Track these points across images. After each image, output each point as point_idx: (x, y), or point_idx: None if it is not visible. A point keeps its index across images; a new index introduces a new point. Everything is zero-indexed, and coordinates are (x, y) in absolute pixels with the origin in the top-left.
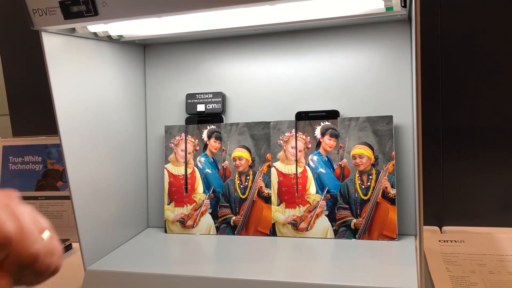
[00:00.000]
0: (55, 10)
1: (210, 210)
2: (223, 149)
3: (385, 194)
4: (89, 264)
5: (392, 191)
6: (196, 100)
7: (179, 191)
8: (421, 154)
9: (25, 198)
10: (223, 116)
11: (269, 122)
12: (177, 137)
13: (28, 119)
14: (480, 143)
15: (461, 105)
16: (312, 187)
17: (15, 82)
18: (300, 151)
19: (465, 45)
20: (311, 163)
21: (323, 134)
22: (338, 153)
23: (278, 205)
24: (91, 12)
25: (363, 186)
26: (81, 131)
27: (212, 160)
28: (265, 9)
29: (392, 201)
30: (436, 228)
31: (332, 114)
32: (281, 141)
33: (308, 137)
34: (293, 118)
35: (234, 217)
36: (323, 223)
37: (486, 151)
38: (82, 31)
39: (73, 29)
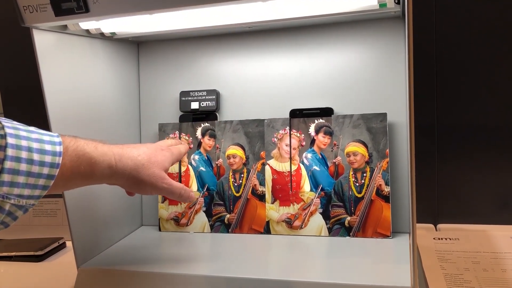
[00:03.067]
0: (45, 7)
1: (204, 208)
2: (217, 147)
3: (379, 192)
4: (81, 263)
5: (386, 189)
6: (190, 98)
7: None
8: (414, 152)
9: None
10: (217, 113)
11: (263, 120)
12: (171, 135)
13: (23, 119)
14: (475, 141)
15: (457, 102)
16: (306, 185)
17: (9, 82)
18: (294, 148)
19: (461, 42)
20: (305, 161)
21: (317, 131)
22: (332, 150)
23: (272, 203)
24: (82, 9)
25: (357, 184)
26: (74, 129)
27: (206, 158)
28: (258, 6)
29: (386, 198)
30: (431, 225)
31: (326, 112)
32: (275, 139)
33: (302, 135)
34: (287, 116)
35: (228, 215)
36: (317, 221)
37: (481, 149)
38: (74, 28)
39: (65, 26)
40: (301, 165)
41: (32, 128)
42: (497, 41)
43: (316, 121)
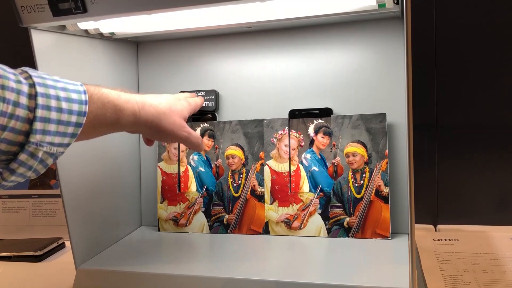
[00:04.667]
0: (43, 7)
1: (203, 209)
2: (216, 147)
3: (378, 193)
4: (80, 263)
5: (386, 190)
6: None
7: (172, 190)
8: (412, 152)
9: (18, 197)
10: (216, 114)
11: (262, 120)
12: None
13: None
14: (475, 141)
15: (456, 102)
16: (305, 186)
17: None
18: (293, 149)
19: (461, 42)
20: (304, 161)
21: (316, 132)
22: (331, 151)
23: (271, 203)
24: (80, 9)
25: (356, 185)
26: None
27: (205, 158)
28: (257, 6)
29: (385, 199)
30: (431, 226)
31: (325, 112)
32: (274, 139)
33: (302, 135)
34: (287, 116)
35: (227, 216)
36: (316, 222)
37: (481, 149)
38: (72, 29)
39: (64, 27)
40: (300, 166)
41: (55, 77)
42: (497, 41)
43: (315, 122)
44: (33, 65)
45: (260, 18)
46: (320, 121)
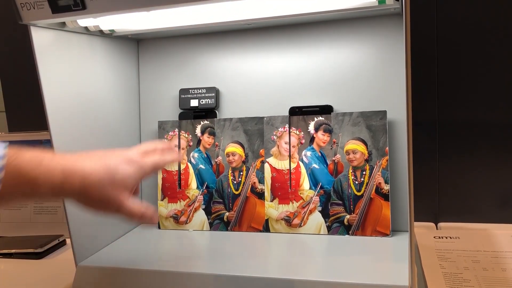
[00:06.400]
0: (42, 4)
1: (203, 206)
2: (217, 145)
3: (378, 190)
4: (80, 260)
5: (386, 187)
6: (189, 95)
7: (173, 187)
8: (411, 149)
9: None
10: (216, 111)
11: (263, 118)
12: (170, 133)
13: (25, 115)
14: (477, 139)
15: (458, 99)
16: (305, 183)
17: (11, 78)
18: (293, 146)
19: (462, 39)
20: (304, 159)
21: (316, 129)
22: (331, 148)
23: (272, 201)
24: (79, 5)
25: (356, 182)
26: (72, 127)
27: (205, 155)
28: (257, 3)
29: (385, 197)
30: (432, 224)
31: (325, 109)
32: (274, 137)
33: (302, 133)
34: (287, 113)
35: (227, 213)
36: (316, 219)
37: (482, 146)
38: (72, 26)
39: (64, 24)
40: (301, 163)
41: None
42: (499, 38)
43: (315, 119)
44: (33, 63)
45: (260, 15)
46: (320, 118)
